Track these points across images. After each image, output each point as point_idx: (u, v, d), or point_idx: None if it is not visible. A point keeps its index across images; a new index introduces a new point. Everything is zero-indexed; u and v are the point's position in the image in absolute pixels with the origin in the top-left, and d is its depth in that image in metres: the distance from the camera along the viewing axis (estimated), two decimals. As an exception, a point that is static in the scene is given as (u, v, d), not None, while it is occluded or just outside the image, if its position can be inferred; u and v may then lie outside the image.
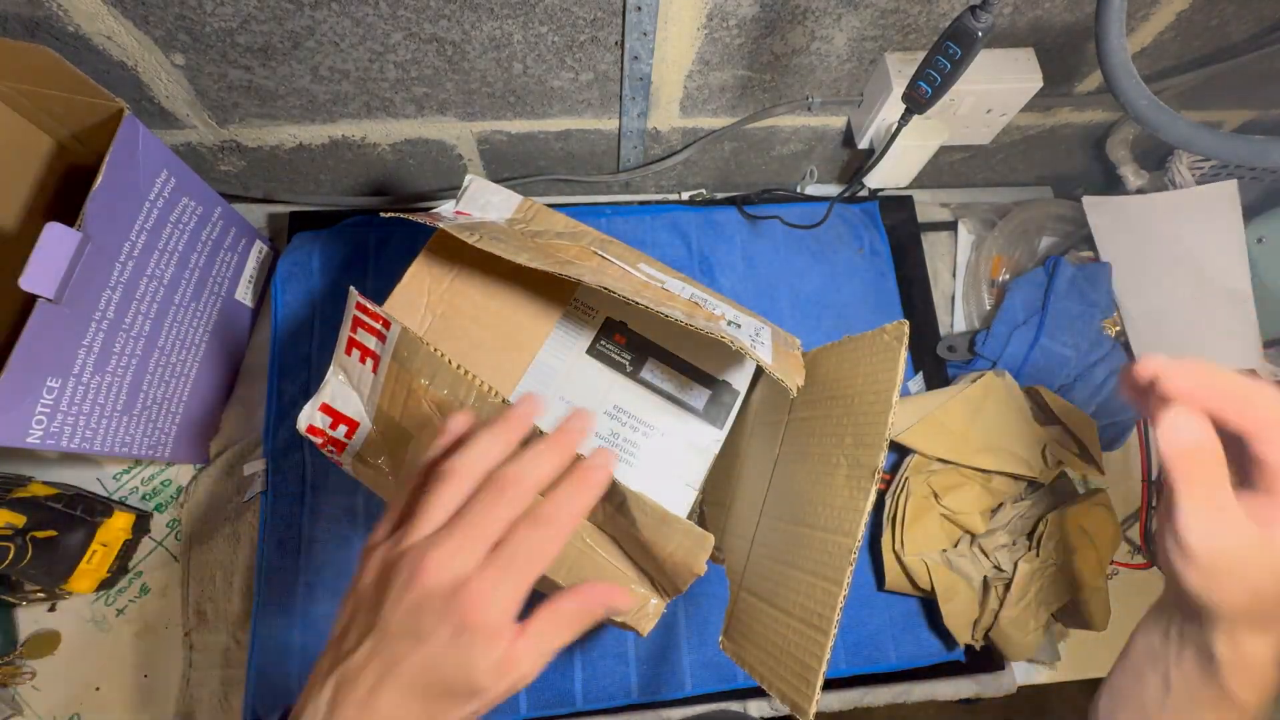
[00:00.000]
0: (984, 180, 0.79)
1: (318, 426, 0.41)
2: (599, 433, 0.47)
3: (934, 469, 0.59)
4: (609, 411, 0.48)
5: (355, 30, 0.48)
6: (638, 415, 0.48)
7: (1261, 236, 0.63)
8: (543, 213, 0.50)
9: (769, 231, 0.69)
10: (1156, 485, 0.68)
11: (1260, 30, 0.57)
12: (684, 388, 0.49)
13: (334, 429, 0.42)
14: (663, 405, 0.48)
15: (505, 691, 0.25)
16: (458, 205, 0.48)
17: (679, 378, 0.49)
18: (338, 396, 0.41)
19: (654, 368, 0.49)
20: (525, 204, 0.50)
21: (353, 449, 0.42)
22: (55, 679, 0.55)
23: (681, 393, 0.49)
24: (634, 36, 0.50)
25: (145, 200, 0.47)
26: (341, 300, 0.61)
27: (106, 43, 0.48)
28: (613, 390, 0.48)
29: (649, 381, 0.49)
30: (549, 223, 0.50)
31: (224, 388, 0.62)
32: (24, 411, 0.41)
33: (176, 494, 0.60)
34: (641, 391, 0.49)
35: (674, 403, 0.49)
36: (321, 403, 0.41)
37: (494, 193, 0.49)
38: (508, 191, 0.50)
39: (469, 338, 0.48)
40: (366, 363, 0.40)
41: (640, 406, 0.48)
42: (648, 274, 0.47)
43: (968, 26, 0.40)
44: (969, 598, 0.56)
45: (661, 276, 0.48)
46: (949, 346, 0.68)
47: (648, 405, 0.48)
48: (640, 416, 0.48)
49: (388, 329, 0.37)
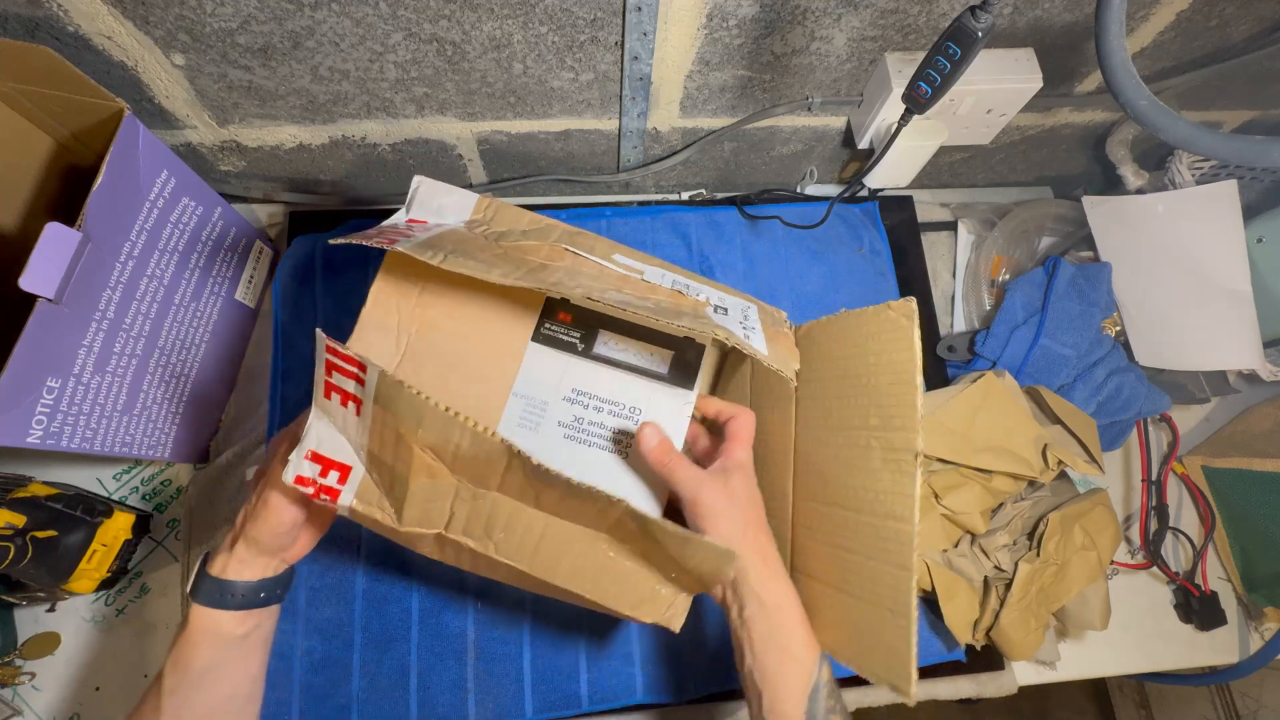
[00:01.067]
0: (984, 180, 0.80)
1: (307, 476, 0.36)
2: (561, 420, 0.45)
3: (934, 469, 0.59)
4: (568, 397, 0.45)
5: (355, 30, 0.48)
6: (599, 394, 0.45)
7: (1261, 236, 0.63)
8: (503, 210, 0.47)
9: (769, 231, 0.69)
10: (1157, 485, 0.69)
11: (1260, 30, 0.57)
12: (643, 354, 0.46)
13: (324, 476, 0.37)
14: (624, 378, 0.46)
15: None
16: (408, 213, 0.44)
17: (636, 345, 0.46)
18: (324, 441, 0.37)
19: (607, 340, 0.46)
20: (483, 202, 0.47)
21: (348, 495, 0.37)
22: (55, 679, 0.55)
23: (641, 360, 0.46)
24: (634, 37, 0.50)
25: (145, 200, 0.47)
26: (341, 300, 0.62)
27: (106, 43, 0.48)
28: (568, 373, 0.45)
29: (604, 355, 0.46)
30: (512, 221, 0.47)
31: (224, 388, 0.62)
32: (24, 411, 0.41)
33: (176, 494, 0.60)
34: (598, 368, 0.46)
35: (635, 372, 0.46)
36: (308, 450, 0.36)
37: (446, 194, 0.46)
38: (461, 191, 0.47)
39: (448, 356, 0.45)
40: (349, 406, 0.36)
41: (599, 384, 0.45)
42: (625, 265, 0.45)
43: (968, 27, 0.40)
44: (969, 598, 0.56)
45: (639, 266, 0.46)
46: (949, 346, 0.68)
47: (607, 381, 0.46)
48: (602, 395, 0.45)
49: (364, 372, 0.34)
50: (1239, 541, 0.67)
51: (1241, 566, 0.67)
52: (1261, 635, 0.67)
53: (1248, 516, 0.66)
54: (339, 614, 0.54)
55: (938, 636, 0.59)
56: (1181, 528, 0.69)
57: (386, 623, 0.54)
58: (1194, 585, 0.66)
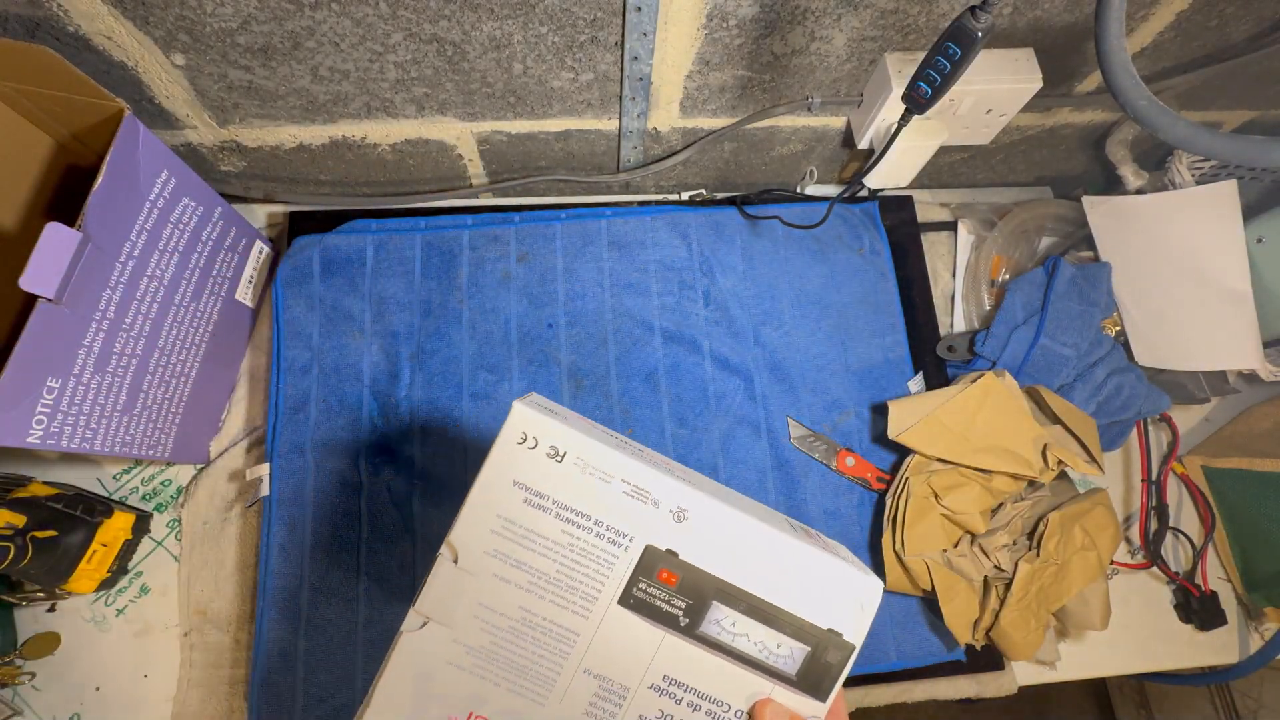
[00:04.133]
0: (984, 180, 0.80)
1: None
2: (644, 716, 0.34)
3: (934, 469, 0.59)
4: (656, 686, 0.34)
5: (355, 30, 0.48)
6: (699, 688, 0.34)
7: (1261, 236, 0.63)
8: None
9: (769, 231, 0.69)
10: (1157, 485, 0.69)
11: (1260, 30, 0.57)
12: (767, 643, 0.34)
13: None
14: (733, 672, 0.34)
15: None
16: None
17: (759, 628, 0.34)
18: None
19: (721, 614, 0.34)
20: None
21: None
22: (55, 679, 0.55)
23: (763, 651, 0.34)
24: (634, 37, 0.50)
25: (145, 200, 0.47)
26: (341, 301, 0.62)
27: (106, 43, 0.48)
28: (661, 654, 0.34)
29: (713, 638, 0.34)
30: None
31: (224, 388, 0.62)
32: (24, 411, 0.41)
33: (176, 494, 0.60)
34: (702, 654, 0.34)
35: (752, 667, 0.34)
36: None
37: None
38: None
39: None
40: None
41: (701, 674, 0.34)
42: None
43: (967, 27, 0.40)
44: (969, 598, 0.56)
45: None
46: (949, 346, 0.68)
47: (711, 671, 0.34)
48: (703, 690, 0.34)
49: None
50: (1239, 541, 0.67)
51: (1241, 566, 0.67)
52: (1261, 635, 0.67)
53: (1248, 516, 0.66)
54: (340, 614, 0.55)
55: (938, 636, 0.59)
56: (1181, 528, 0.69)
57: (388, 623, 0.54)
58: (1194, 585, 0.66)
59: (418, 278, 0.63)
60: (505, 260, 0.64)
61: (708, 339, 0.64)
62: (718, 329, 0.65)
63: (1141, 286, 0.67)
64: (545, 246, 0.65)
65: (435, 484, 0.58)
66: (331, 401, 0.59)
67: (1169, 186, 0.65)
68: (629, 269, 0.66)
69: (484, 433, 0.60)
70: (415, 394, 0.60)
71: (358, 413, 0.59)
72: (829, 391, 0.65)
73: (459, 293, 0.63)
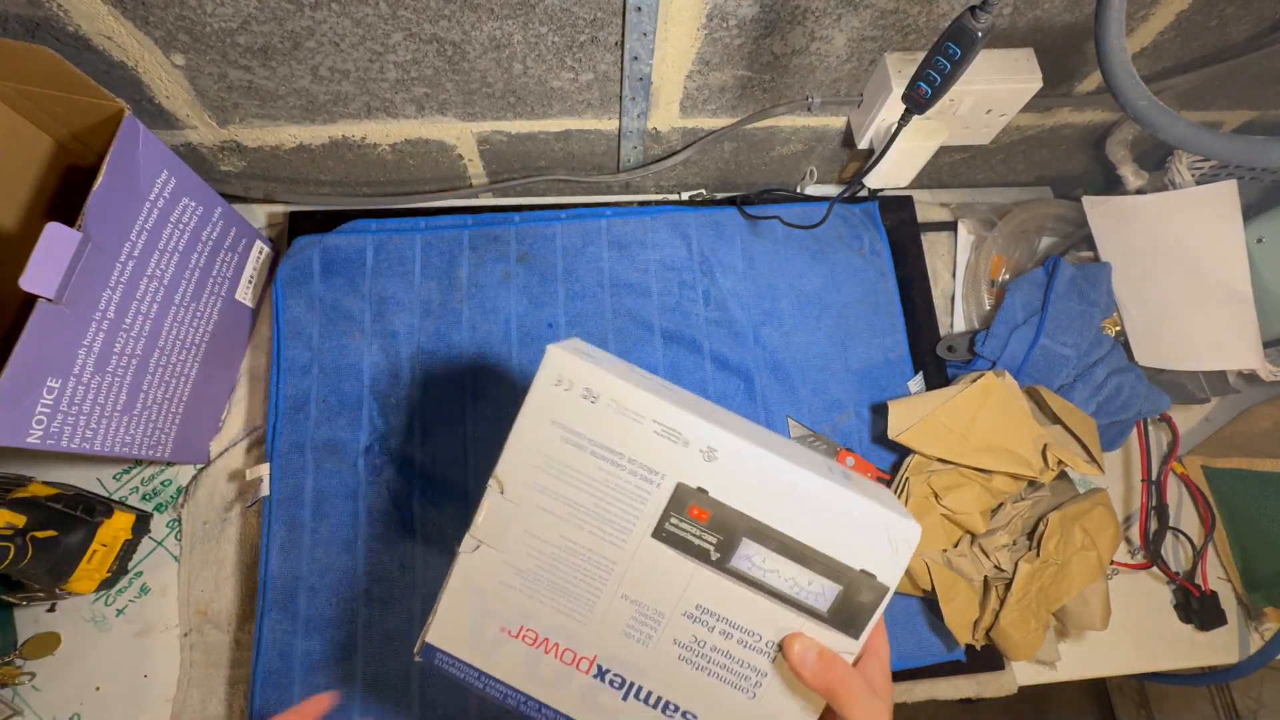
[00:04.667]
0: (984, 180, 0.80)
1: None
2: (678, 639, 0.35)
3: (934, 469, 0.59)
4: (689, 613, 0.35)
5: (355, 30, 0.48)
6: (730, 618, 0.35)
7: (1261, 236, 0.63)
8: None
9: (769, 231, 0.69)
10: (1157, 485, 0.69)
11: (1260, 30, 0.57)
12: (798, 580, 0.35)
13: None
14: (765, 606, 0.35)
15: None
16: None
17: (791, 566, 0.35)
18: None
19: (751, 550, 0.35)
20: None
21: None
22: (55, 679, 0.55)
23: (794, 587, 0.35)
24: (634, 37, 0.50)
25: (145, 200, 0.47)
26: (341, 300, 0.62)
27: (106, 43, 0.48)
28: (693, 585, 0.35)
29: (744, 573, 0.35)
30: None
31: (224, 388, 0.62)
32: (24, 411, 0.41)
33: (176, 494, 0.60)
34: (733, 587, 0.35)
35: (783, 601, 0.35)
36: None
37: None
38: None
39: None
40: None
41: (732, 605, 0.35)
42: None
43: (967, 27, 0.40)
44: (969, 598, 0.56)
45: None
46: (949, 346, 0.68)
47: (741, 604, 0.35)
48: (734, 620, 0.35)
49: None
50: (1239, 541, 0.67)
51: (1241, 566, 0.67)
52: (1261, 635, 0.67)
53: (1247, 516, 0.66)
54: (340, 614, 0.55)
55: (938, 636, 0.59)
56: (1181, 528, 0.69)
57: (388, 623, 0.54)
58: (1194, 585, 0.66)
59: (418, 278, 0.63)
60: (505, 260, 0.64)
61: (708, 339, 0.64)
62: (718, 329, 0.65)
63: (1141, 286, 0.67)
64: (545, 246, 0.65)
65: (435, 484, 0.58)
66: (331, 401, 0.59)
67: (1169, 186, 0.65)
68: (629, 269, 0.66)
69: (484, 432, 0.60)
70: (415, 394, 0.60)
71: (358, 413, 0.59)
72: (829, 391, 0.65)
73: (459, 293, 0.63)
